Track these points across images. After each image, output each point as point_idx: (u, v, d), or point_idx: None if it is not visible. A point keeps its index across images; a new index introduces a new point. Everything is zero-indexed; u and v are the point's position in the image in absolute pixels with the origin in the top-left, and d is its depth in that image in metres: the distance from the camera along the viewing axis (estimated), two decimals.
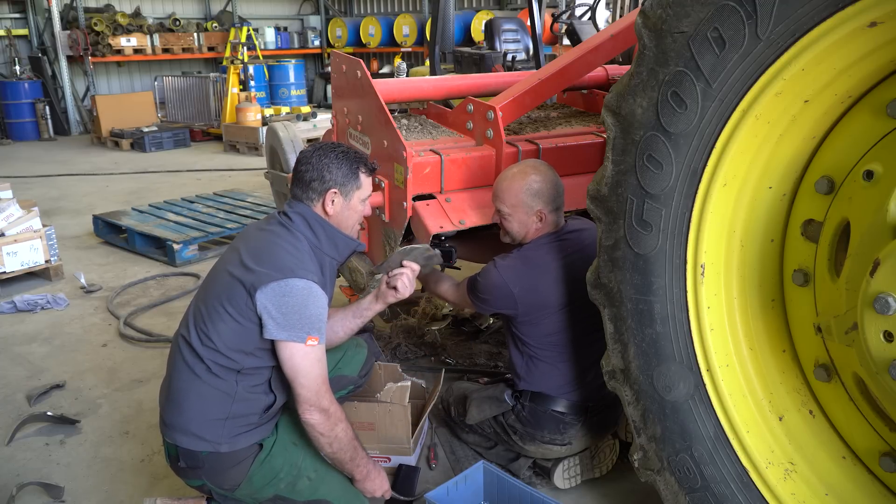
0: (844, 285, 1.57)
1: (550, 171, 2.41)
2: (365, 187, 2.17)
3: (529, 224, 2.41)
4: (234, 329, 1.96)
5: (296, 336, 1.93)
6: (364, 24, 15.04)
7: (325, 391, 1.99)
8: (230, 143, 10.26)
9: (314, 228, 2.09)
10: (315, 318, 1.96)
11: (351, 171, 2.12)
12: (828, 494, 1.79)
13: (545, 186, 2.37)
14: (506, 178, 2.42)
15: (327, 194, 2.10)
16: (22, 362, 3.63)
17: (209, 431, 1.99)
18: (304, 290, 1.94)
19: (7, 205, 4.60)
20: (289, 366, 1.96)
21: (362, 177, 2.14)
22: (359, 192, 2.15)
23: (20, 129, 11.69)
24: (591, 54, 2.87)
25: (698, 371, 1.84)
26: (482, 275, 2.43)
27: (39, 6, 12.39)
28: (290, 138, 3.81)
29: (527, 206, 2.38)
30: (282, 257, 1.99)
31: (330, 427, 2.00)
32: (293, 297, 1.93)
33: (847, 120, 1.63)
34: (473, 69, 6.27)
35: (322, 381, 1.99)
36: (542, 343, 2.42)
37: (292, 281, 1.93)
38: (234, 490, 2.06)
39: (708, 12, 1.54)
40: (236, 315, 1.96)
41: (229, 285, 1.98)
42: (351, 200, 2.14)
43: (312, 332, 1.95)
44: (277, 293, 1.92)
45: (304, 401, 1.97)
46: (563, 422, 2.43)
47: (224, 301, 1.97)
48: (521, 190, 2.37)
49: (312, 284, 1.96)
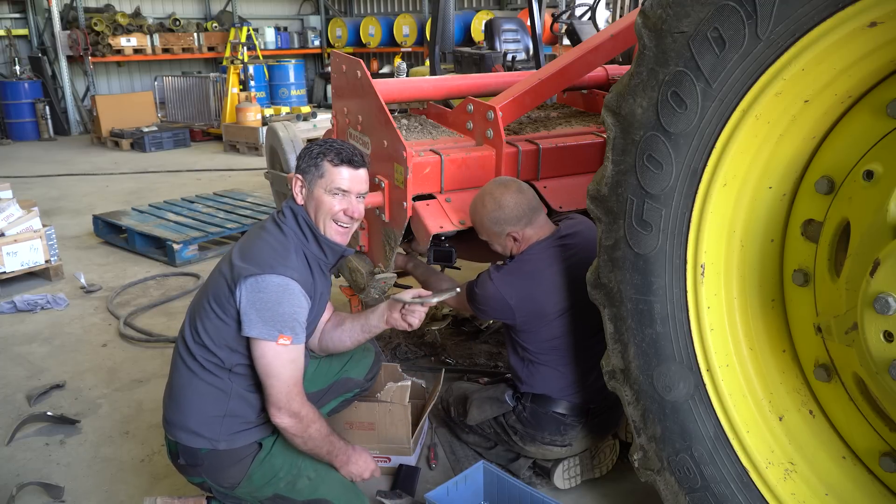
0: (844, 285, 1.57)
1: (508, 190, 2.36)
2: (329, 177, 2.04)
3: (507, 245, 2.42)
4: (216, 325, 1.98)
5: (267, 333, 1.91)
6: (364, 24, 15.04)
7: (295, 394, 1.97)
8: (230, 143, 10.26)
9: (300, 225, 2.08)
10: (288, 317, 1.93)
11: (313, 156, 2.06)
12: (828, 494, 1.79)
13: (504, 212, 2.34)
14: (471, 210, 2.44)
15: (294, 181, 2.09)
16: (22, 362, 3.63)
17: (207, 429, 2.00)
18: (280, 286, 1.92)
19: (7, 205, 4.60)
20: (260, 364, 1.94)
21: (327, 165, 2.04)
22: (321, 180, 2.04)
23: (20, 129, 11.69)
24: (591, 54, 2.87)
25: (698, 371, 1.84)
26: (479, 285, 2.43)
27: (39, 6, 12.38)
28: (290, 138, 3.80)
29: (496, 233, 2.39)
30: (264, 252, 1.99)
31: (303, 429, 1.99)
32: (267, 293, 1.91)
33: (847, 120, 1.63)
34: (473, 69, 6.27)
35: (293, 383, 1.97)
36: (542, 348, 2.42)
37: (269, 277, 1.92)
38: (234, 488, 2.07)
39: (708, 12, 1.54)
40: (219, 311, 1.97)
41: (217, 282, 2.01)
42: (314, 189, 2.06)
43: (285, 331, 1.91)
44: (253, 288, 1.92)
45: (273, 402, 1.95)
46: (563, 423, 2.43)
47: (211, 298, 2.00)
48: (484, 221, 2.38)
49: (289, 281, 1.94)
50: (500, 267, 2.43)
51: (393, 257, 2.73)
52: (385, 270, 2.80)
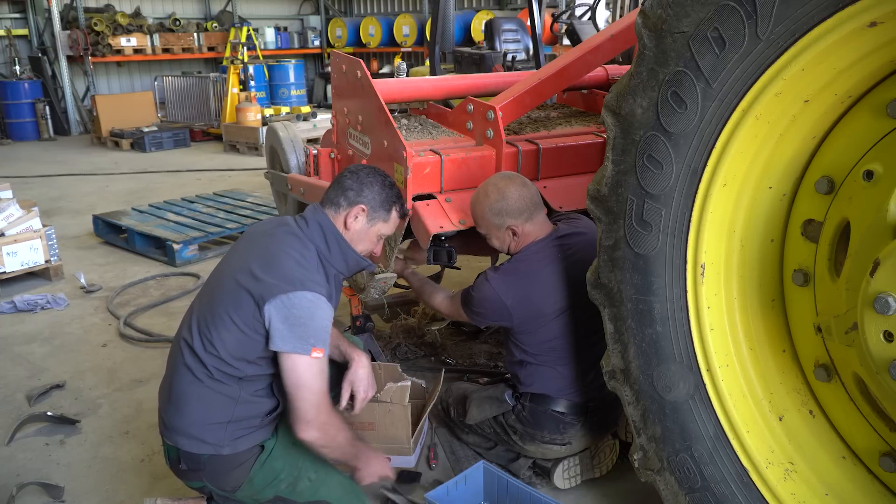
0: (844, 285, 1.57)
1: (513, 182, 2.38)
2: (390, 223, 2.16)
3: (505, 240, 2.42)
4: (238, 339, 1.94)
5: (301, 348, 1.91)
6: (364, 24, 15.03)
7: (325, 405, 1.97)
8: (230, 143, 10.26)
9: (328, 240, 2.07)
10: (321, 331, 1.94)
11: (388, 200, 2.13)
12: (828, 494, 1.79)
13: (507, 202, 2.34)
14: (472, 201, 2.44)
15: (355, 208, 2.08)
16: (22, 362, 3.63)
17: (211, 435, 1.98)
18: (313, 302, 1.93)
19: (7, 205, 4.60)
20: (291, 377, 1.93)
21: (394, 213, 2.15)
22: (383, 224, 2.14)
23: (20, 129, 11.68)
24: (591, 54, 2.87)
25: (698, 371, 1.84)
26: (475, 288, 2.43)
27: (39, 6, 12.38)
28: (290, 138, 3.80)
29: (496, 225, 2.38)
30: (291, 268, 1.96)
31: (331, 439, 1.99)
32: (301, 310, 1.91)
33: (847, 120, 1.63)
34: (473, 69, 6.27)
35: (323, 395, 1.97)
36: (540, 349, 2.42)
37: (301, 294, 1.91)
38: (235, 491, 2.06)
39: (708, 12, 1.54)
40: (242, 325, 1.93)
41: (236, 294, 1.95)
42: (373, 226, 2.12)
43: (318, 345, 1.93)
44: (286, 305, 1.90)
45: (303, 416, 1.93)
46: (563, 422, 2.43)
47: (231, 310, 1.94)
48: (486, 211, 2.37)
49: (320, 297, 1.95)
50: (496, 268, 2.44)
51: (393, 257, 2.73)
52: (385, 270, 2.80)
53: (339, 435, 2.01)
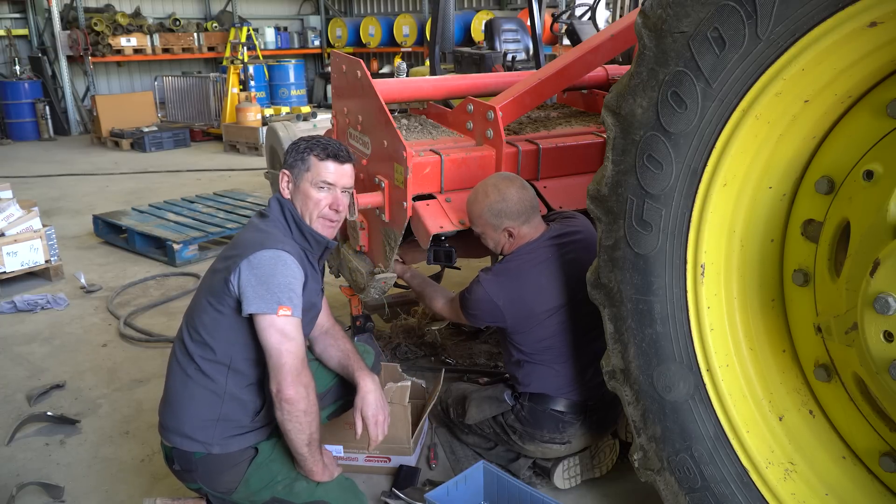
0: (844, 285, 1.57)
1: (513, 184, 2.38)
2: (315, 171, 2.10)
3: (500, 240, 2.42)
4: (214, 318, 2.00)
5: (266, 307, 1.90)
6: (364, 24, 15.03)
7: (303, 366, 1.94)
8: (230, 143, 10.26)
9: (287, 217, 2.13)
10: (284, 286, 1.92)
11: (301, 151, 2.12)
12: (828, 494, 1.79)
13: (507, 204, 2.34)
14: (469, 200, 2.43)
15: (281, 176, 2.16)
16: (22, 362, 3.63)
17: (201, 432, 2.01)
18: (272, 258, 1.94)
19: (7, 205, 4.60)
20: (266, 340, 1.92)
21: (313, 159, 2.10)
22: (308, 174, 2.11)
23: (20, 129, 11.68)
24: (591, 54, 2.86)
25: (698, 371, 1.84)
26: (468, 290, 2.44)
27: (39, 6, 12.38)
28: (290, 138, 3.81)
29: (493, 225, 2.38)
30: (253, 236, 2.04)
31: (312, 403, 1.95)
32: (261, 268, 1.93)
33: (847, 120, 1.63)
34: (473, 69, 6.26)
35: (302, 355, 1.94)
36: (536, 349, 2.42)
37: (260, 252, 1.95)
38: (231, 493, 2.07)
39: (708, 12, 1.54)
40: (216, 303, 2.00)
41: (212, 279, 2.06)
42: (301, 183, 2.11)
43: (283, 301, 1.91)
44: (248, 266, 1.94)
45: (286, 373, 1.89)
46: (562, 421, 2.43)
47: (207, 293, 2.03)
48: (484, 211, 2.37)
49: (281, 252, 1.96)
50: (488, 270, 2.45)
51: (393, 257, 2.73)
52: (385, 270, 2.80)
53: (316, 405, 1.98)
